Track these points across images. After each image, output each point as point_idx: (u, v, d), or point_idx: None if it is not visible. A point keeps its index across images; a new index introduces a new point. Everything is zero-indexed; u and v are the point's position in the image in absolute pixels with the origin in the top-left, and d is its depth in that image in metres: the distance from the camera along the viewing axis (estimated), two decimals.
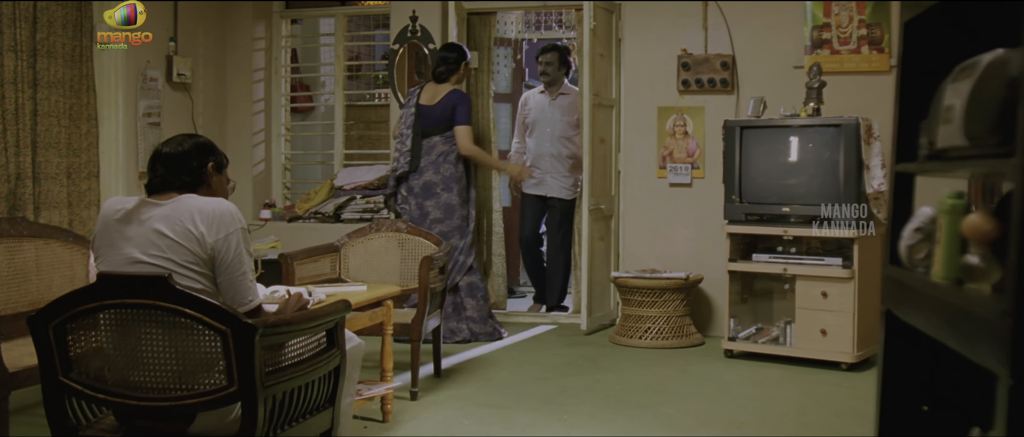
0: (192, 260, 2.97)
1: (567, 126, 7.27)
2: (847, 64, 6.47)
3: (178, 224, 2.96)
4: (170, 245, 2.96)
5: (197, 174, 3.14)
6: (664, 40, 6.83)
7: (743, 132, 5.92)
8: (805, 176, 5.77)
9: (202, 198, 3.05)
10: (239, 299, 3.02)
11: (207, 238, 2.97)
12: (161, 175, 3.10)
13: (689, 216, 6.81)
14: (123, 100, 6.37)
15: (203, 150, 3.20)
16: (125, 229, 3.02)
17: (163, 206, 3.01)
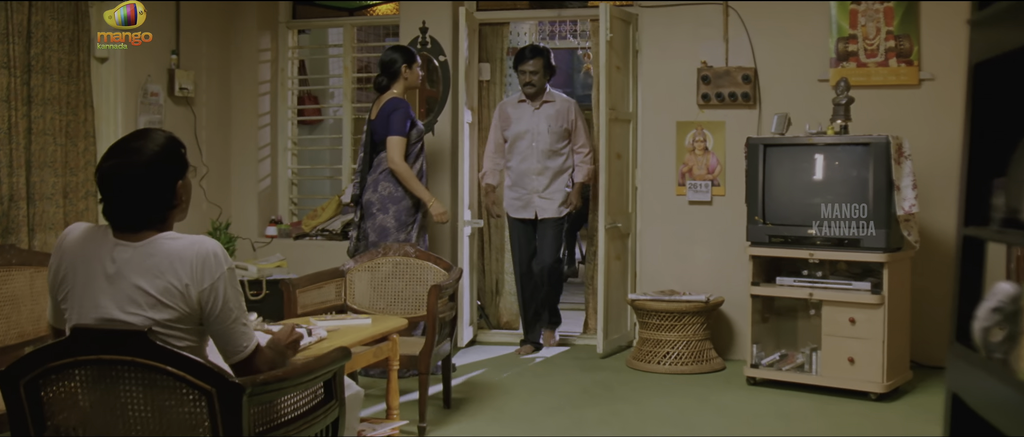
0: (176, 318, 2.64)
1: (554, 138, 6.56)
2: (874, 77, 6.21)
3: (159, 277, 2.61)
4: (152, 303, 2.61)
5: (167, 200, 2.69)
6: (683, 52, 6.58)
7: (767, 150, 5.67)
8: (832, 197, 5.50)
9: (180, 240, 2.66)
10: (234, 347, 2.72)
11: (192, 290, 2.63)
12: (123, 212, 2.64)
13: (709, 235, 6.56)
14: (123, 116, 6.15)
15: (167, 163, 2.68)
16: (96, 277, 2.64)
17: (137, 249, 2.63)
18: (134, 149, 2.64)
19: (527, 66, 6.51)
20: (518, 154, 6.63)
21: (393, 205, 5.82)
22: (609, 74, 6.42)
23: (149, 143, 2.65)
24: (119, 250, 2.64)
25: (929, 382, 5.76)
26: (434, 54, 6.95)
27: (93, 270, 2.65)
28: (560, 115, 6.58)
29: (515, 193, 6.69)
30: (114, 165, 2.63)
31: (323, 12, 7.59)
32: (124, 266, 2.63)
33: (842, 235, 5.42)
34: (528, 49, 6.61)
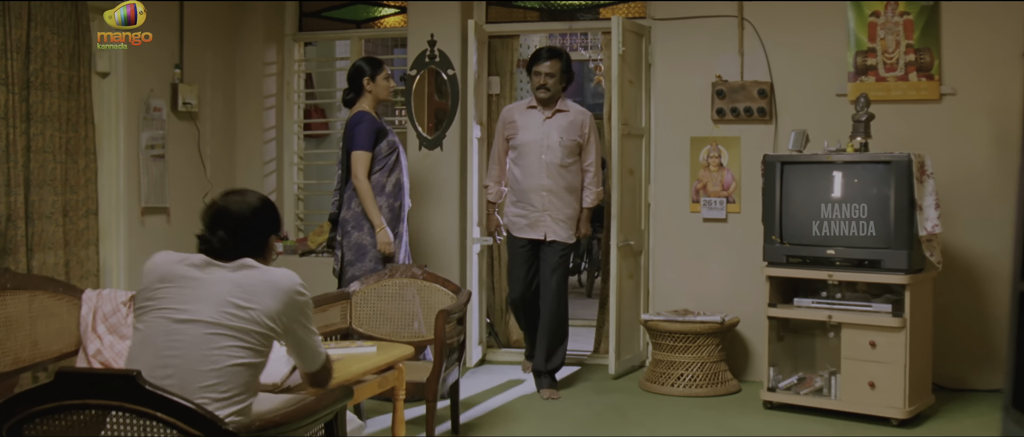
0: (257, 333, 2.83)
1: (566, 151, 5.96)
2: (894, 92, 6.05)
3: (250, 296, 2.83)
4: (240, 316, 2.81)
5: (260, 246, 3.03)
6: (697, 65, 6.43)
7: (784, 168, 5.51)
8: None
9: (270, 271, 2.93)
10: (308, 361, 3.07)
11: (277, 314, 2.86)
12: (224, 242, 2.93)
13: (724, 253, 6.40)
14: (124, 132, 6.03)
15: (269, 220, 3.07)
16: (192, 283, 2.86)
17: (231, 272, 2.88)
18: (243, 195, 3.04)
19: (543, 67, 5.93)
20: (523, 167, 6.02)
21: (367, 221, 5.60)
22: (621, 88, 6.27)
23: (256, 195, 3.07)
24: (212, 268, 2.89)
25: (952, 406, 5.60)
26: (442, 67, 6.81)
27: (190, 278, 2.87)
28: (574, 127, 5.98)
29: (520, 210, 6.06)
30: (231, 201, 2.99)
31: (330, 24, 7.46)
32: (220, 282, 2.84)
33: (862, 256, 5.26)
34: (545, 49, 6.05)
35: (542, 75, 5.94)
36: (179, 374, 2.72)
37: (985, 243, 5.90)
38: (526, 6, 7.01)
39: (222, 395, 2.74)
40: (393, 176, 5.70)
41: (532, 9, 7.00)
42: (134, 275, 6.07)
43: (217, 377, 2.74)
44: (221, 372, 2.75)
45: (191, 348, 2.76)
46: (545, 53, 6.01)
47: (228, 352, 2.77)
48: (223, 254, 2.90)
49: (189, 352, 2.75)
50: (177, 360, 2.75)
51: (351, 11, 7.38)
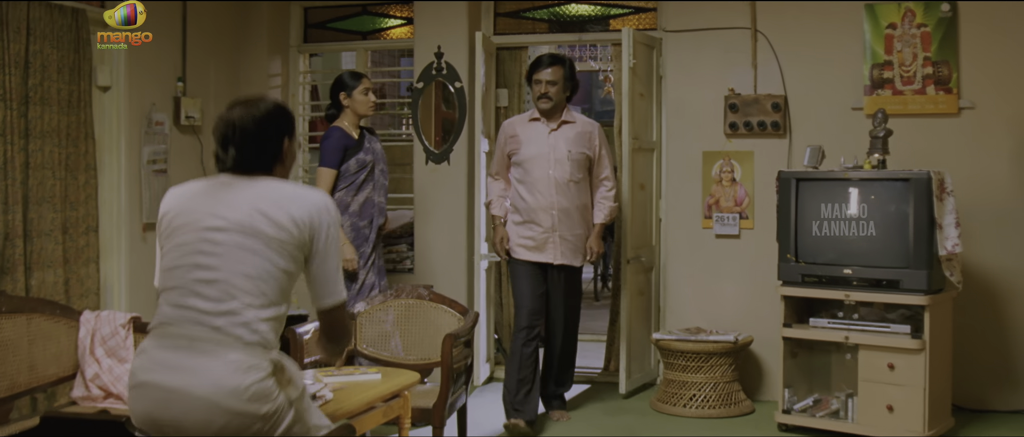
0: (287, 240, 2.76)
1: (575, 166, 5.55)
2: (911, 106, 5.91)
3: (276, 208, 2.76)
4: (268, 221, 2.75)
5: (276, 153, 2.91)
6: (710, 78, 6.30)
7: (800, 184, 5.38)
8: (869, 235, 5.22)
9: (295, 188, 2.85)
10: (327, 292, 2.88)
11: (304, 230, 2.78)
12: (238, 159, 2.85)
13: (737, 270, 6.26)
14: (126, 146, 5.91)
15: (281, 122, 2.93)
16: (218, 195, 2.83)
17: (254, 183, 2.82)
18: (253, 103, 2.90)
19: (543, 74, 5.52)
20: (529, 184, 5.55)
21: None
22: (632, 101, 6.15)
23: (265, 101, 2.94)
24: (235, 183, 2.84)
25: (972, 428, 5.46)
26: (450, 80, 6.69)
27: (208, 194, 2.84)
28: (582, 139, 5.58)
29: (526, 232, 5.58)
30: (239, 114, 2.86)
31: (336, 36, 7.35)
32: (241, 191, 2.80)
33: (880, 276, 5.13)
34: (547, 56, 5.63)
35: (543, 83, 5.53)
36: (220, 282, 2.72)
37: (1005, 260, 5.76)
38: (535, 17, 6.89)
39: (259, 302, 2.72)
40: (360, 195, 5.55)
41: (541, 20, 6.87)
42: (136, 292, 5.96)
43: (254, 282, 2.72)
44: (258, 277, 2.73)
45: (228, 252, 2.74)
46: (546, 59, 5.60)
47: (264, 256, 2.74)
48: (240, 169, 2.85)
49: (227, 256, 2.74)
50: (216, 267, 2.74)
51: (357, 22, 7.26)
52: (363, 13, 7.24)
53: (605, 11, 6.73)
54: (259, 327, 2.71)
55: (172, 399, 2.66)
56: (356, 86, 5.58)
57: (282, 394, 2.74)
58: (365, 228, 5.57)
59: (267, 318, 2.73)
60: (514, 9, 6.88)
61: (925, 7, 5.86)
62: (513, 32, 6.89)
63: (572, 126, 5.62)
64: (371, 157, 5.61)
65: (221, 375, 2.64)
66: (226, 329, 2.69)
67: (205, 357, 2.66)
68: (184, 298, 2.74)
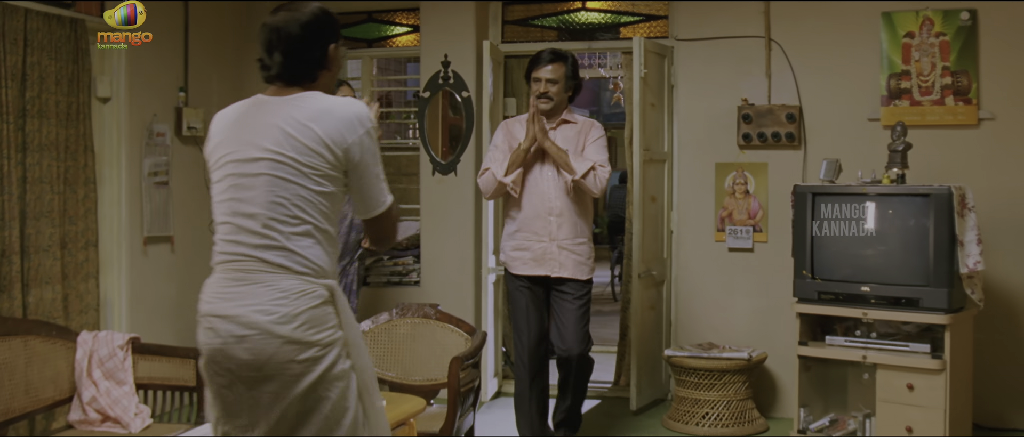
0: (322, 165, 2.72)
1: None
2: (929, 117, 5.77)
3: (304, 130, 2.70)
4: (296, 146, 2.70)
5: (321, 58, 2.85)
6: (723, 88, 6.16)
7: (816, 199, 5.24)
8: (888, 252, 5.08)
9: (324, 102, 2.76)
10: (372, 203, 2.85)
11: (336, 149, 2.72)
12: (284, 65, 2.80)
13: (750, 284, 6.13)
14: (126, 159, 5.80)
15: (326, 27, 2.86)
16: (247, 122, 2.80)
17: (286, 101, 2.76)
18: (297, 7, 2.83)
19: (543, 72, 5.04)
20: (525, 188, 5.06)
21: None
22: (643, 112, 6.01)
23: (309, 5, 2.85)
24: (268, 104, 2.80)
25: None
26: (457, 89, 6.56)
27: (242, 122, 2.82)
28: (581, 137, 5.13)
29: (520, 242, 5.08)
30: (283, 18, 2.80)
31: None
32: (272, 114, 2.75)
33: (899, 294, 4.99)
34: (547, 52, 5.11)
35: (543, 81, 5.05)
36: (259, 215, 2.71)
37: None
38: (544, 25, 6.75)
39: (300, 230, 2.72)
40: None
41: (550, 28, 6.74)
42: (137, 308, 5.85)
43: (291, 211, 2.71)
44: (295, 205, 2.71)
45: (262, 185, 2.72)
46: (546, 56, 5.10)
47: (297, 183, 2.71)
48: (284, 76, 2.81)
49: (262, 188, 2.72)
50: (252, 200, 2.72)
51: (362, 30, 7.14)
52: (369, 21, 7.11)
53: (615, 19, 6.60)
54: (306, 254, 2.72)
55: (227, 328, 2.70)
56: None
57: (338, 328, 2.74)
58: None
59: (312, 244, 2.74)
60: (522, 16, 6.76)
61: (944, 16, 5.72)
62: (521, 40, 6.77)
63: (572, 127, 5.17)
64: None
65: (272, 301, 2.67)
66: (274, 260, 2.70)
67: (257, 286, 2.69)
68: (232, 234, 2.76)
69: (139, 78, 5.85)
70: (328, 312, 2.72)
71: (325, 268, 2.76)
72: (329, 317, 2.72)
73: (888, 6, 5.82)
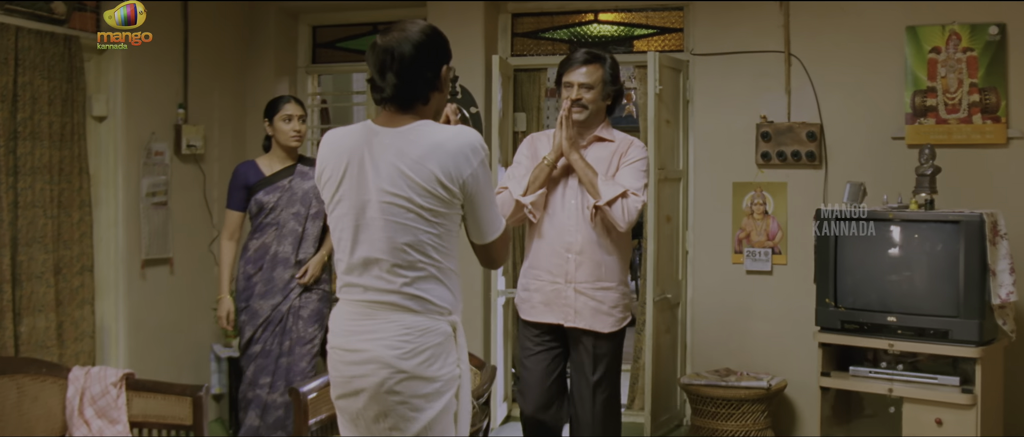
0: (434, 203, 2.76)
1: None
2: (956, 135, 5.54)
3: (419, 168, 2.73)
4: (413, 187, 2.75)
5: (433, 80, 2.85)
6: (740, 104, 5.95)
7: (839, 224, 5.02)
8: (915, 280, 4.87)
9: (435, 134, 2.76)
10: (487, 230, 2.91)
11: (451, 184, 2.75)
12: (397, 86, 2.79)
13: (769, 308, 5.91)
14: (123, 180, 5.61)
15: (437, 47, 2.86)
16: (359, 165, 2.81)
17: (399, 135, 2.77)
18: (407, 27, 2.82)
19: (576, 75, 4.22)
20: (548, 217, 4.26)
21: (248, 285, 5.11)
22: (658, 128, 5.79)
23: (420, 25, 2.85)
24: (380, 137, 2.79)
25: None
26: (465, 104, 6.36)
27: (356, 158, 2.82)
28: (616, 159, 4.28)
29: (532, 280, 4.32)
30: (396, 38, 2.78)
31: (346, 56, 7.03)
32: (386, 151, 2.76)
33: (927, 325, 4.77)
34: (582, 52, 4.29)
35: (575, 86, 4.21)
36: (382, 260, 2.78)
37: None
38: (554, 38, 6.55)
39: (421, 274, 2.79)
40: (257, 240, 5.06)
41: (561, 41, 6.53)
42: (136, 335, 5.66)
43: (411, 255, 2.77)
44: (413, 248, 2.77)
45: (380, 228, 2.78)
46: (581, 56, 4.26)
47: (415, 226, 2.77)
48: (396, 98, 2.80)
49: (380, 231, 2.78)
50: (372, 241, 2.79)
51: (367, 42, 6.89)
52: (374, 32, 6.91)
53: (628, 31, 6.38)
54: (430, 296, 2.80)
55: (355, 361, 2.79)
56: (276, 112, 5.08)
57: (458, 364, 2.86)
58: (254, 277, 5.05)
59: (435, 285, 2.82)
60: (532, 29, 6.56)
61: (971, 30, 5.49)
62: (531, 53, 6.57)
63: (607, 147, 4.30)
64: (276, 197, 5.03)
65: (398, 337, 2.75)
66: (399, 303, 2.78)
67: (384, 322, 2.77)
68: (356, 276, 2.81)
69: (136, 96, 5.66)
70: (450, 348, 2.83)
71: (448, 306, 2.85)
72: (451, 352, 2.84)
73: (913, 20, 5.59)
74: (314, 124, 7.16)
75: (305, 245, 5.06)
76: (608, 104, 4.37)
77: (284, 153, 5.10)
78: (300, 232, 5.04)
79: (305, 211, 5.06)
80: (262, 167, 5.08)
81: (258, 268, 5.02)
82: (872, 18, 5.68)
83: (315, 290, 5.11)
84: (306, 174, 5.06)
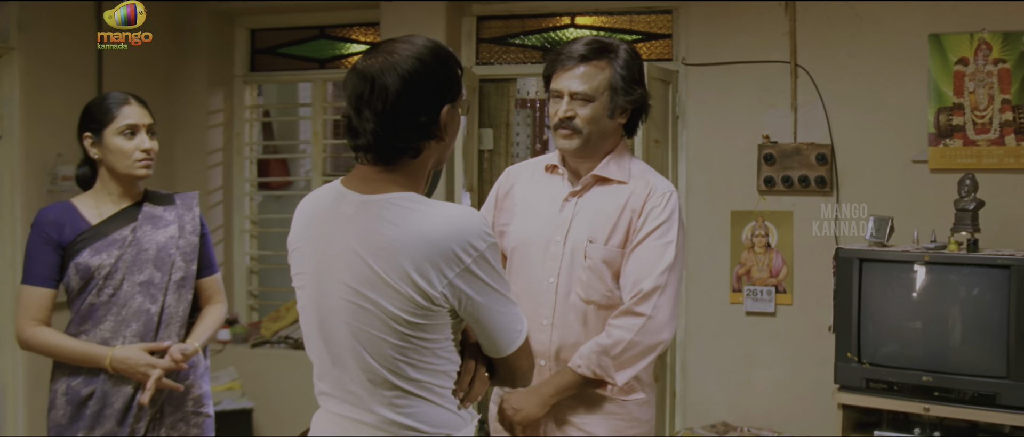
0: (409, 311, 2.01)
1: (603, 274, 2.89)
2: (986, 159, 4.87)
3: (391, 262, 1.99)
4: (378, 286, 2.01)
5: (428, 127, 2.07)
6: (739, 122, 5.25)
7: (863, 266, 4.31)
8: (956, 334, 4.18)
9: (429, 212, 2.02)
10: (501, 342, 2.14)
11: (433, 284, 2.00)
12: (374, 135, 2.03)
13: (772, 355, 5.21)
14: (21, 210, 4.81)
15: (435, 78, 2.06)
16: (323, 237, 2.11)
17: (369, 209, 2.05)
18: (395, 49, 2.06)
19: (566, 79, 2.87)
20: (525, 274, 2.96)
21: None
22: (646, 150, 5.07)
23: (412, 48, 2.06)
24: (346, 205, 2.09)
25: None
26: None
27: (317, 233, 2.13)
28: (626, 216, 2.89)
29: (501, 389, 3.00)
30: (375, 65, 2.04)
31: (288, 63, 6.23)
32: (349, 229, 2.06)
33: (969, 386, 4.07)
34: (579, 43, 2.92)
35: (565, 97, 2.86)
36: (350, 370, 2.10)
37: None
38: (525, 45, 5.81)
39: (391, 392, 2.07)
40: (85, 333, 3.21)
41: (533, 48, 5.80)
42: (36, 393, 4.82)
43: (385, 373, 2.06)
44: (388, 365, 2.06)
45: (346, 335, 2.08)
46: (579, 49, 2.89)
47: (388, 338, 2.04)
48: (374, 149, 2.06)
49: (346, 338, 2.08)
50: (338, 345, 2.10)
51: (313, 47, 6.15)
52: (321, 37, 6.14)
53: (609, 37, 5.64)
54: (412, 423, 2.09)
55: None
56: (108, 122, 3.18)
57: None
58: (81, 389, 3.16)
59: (418, 403, 2.10)
60: (500, 34, 5.83)
61: (1003, 39, 4.82)
62: (499, 61, 5.86)
63: (616, 191, 2.92)
64: (111, 258, 3.18)
65: None
66: (374, 423, 2.10)
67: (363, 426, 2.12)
68: (327, 380, 2.16)
69: (38, 111, 4.88)
70: None
71: (441, 421, 2.12)
72: None
73: (937, 27, 4.92)
74: (254, 140, 6.35)
75: (166, 332, 3.23)
76: (622, 121, 2.97)
77: (120, 188, 3.26)
78: (155, 314, 3.21)
79: (163, 278, 3.24)
80: (84, 212, 3.23)
81: (90, 387, 3.15)
82: (890, 25, 5.01)
83: (191, 415, 3.32)
84: (159, 219, 3.29)
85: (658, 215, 2.88)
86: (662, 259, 2.85)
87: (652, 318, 2.83)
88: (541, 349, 2.90)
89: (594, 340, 2.85)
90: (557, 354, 2.92)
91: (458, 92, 2.13)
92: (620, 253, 2.88)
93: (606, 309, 2.89)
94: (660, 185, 2.94)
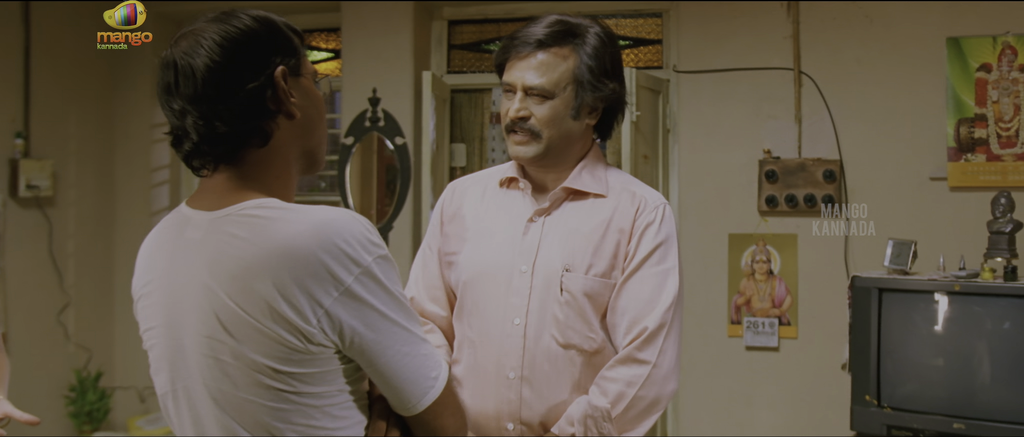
0: (278, 358, 1.52)
1: (582, 309, 2.27)
2: (1012, 176, 4.47)
3: (248, 294, 1.51)
4: (238, 326, 1.53)
5: (258, 103, 1.59)
6: (738, 136, 4.87)
7: (884, 297, 3.83)
8: (992, 375, 3.72)
9: (289, 219, 1.54)
10: (408, 399, 1.62)
11: (304, 314, 1.51)
12: (197, 131, 1.58)
13: (775, 394, 4.82)
14: None
15: (260, 41, 1.61)
16: (167, 277, 1.63)
17: (215, 227, 1.58)
18: (202, 28, 1.61)
19: (520, 71, 2.30)
20: (473, 341, 2.36)
21: None
22: (634, 166, 4.61)
23: (220, 23, 1.61)
24: (190, 230, 1.62)
25: None
26: (388, 134, 5.18)
27: (159, 273, 1.66)
28: (612, 232, 2.30)
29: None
30: (180, 50, 1.60)
31: None
32: (195, 259, 1.58)
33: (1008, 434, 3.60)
34: (537, 25, 2.32)
35: (518, 91, 2.31)
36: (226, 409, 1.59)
37: None
38: None
39: None
40: None
41: None
42: None
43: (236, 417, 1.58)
44: (237, 410, 1.57)
45: (206, 398, 1.61)
46: (537, 32, 2.31)
47: (255, 398, 1.56)
48: (201, 151, 1.61)
49: (207, 401, 1.61)
50: (200, 407, 1.62)
51: None
52: None
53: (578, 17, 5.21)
54: None
55: None
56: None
57: None
58: None
59: None
60: (474, 40, 5.44)
61: None
62: (472, 69, 5.48)
63: (594, 206, 2.35)
64: None
65: None
66: None
67: None
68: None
69: None
70: None
71: None
72: None
73: (956, 30, 4.56)
74: None
75: None
76: (591, 122, 2.36)
77: None
78: None
79: None
80: None
81: None
82: (905, 28, 4.65)
83: None
84: None
85: (654, 236, 2.31)
86: (664, 291, 2.29)
87: (657, 366, 2.25)
88: (507, 410, 2.29)
89: (584, 399, 2.26)
90: (527, 378, 2.27)
91: (294, 55, 1.66)
92: (605, 285, 2.31)
93: (590, 355, 2.29)
94: (650, 197, 2.36)
